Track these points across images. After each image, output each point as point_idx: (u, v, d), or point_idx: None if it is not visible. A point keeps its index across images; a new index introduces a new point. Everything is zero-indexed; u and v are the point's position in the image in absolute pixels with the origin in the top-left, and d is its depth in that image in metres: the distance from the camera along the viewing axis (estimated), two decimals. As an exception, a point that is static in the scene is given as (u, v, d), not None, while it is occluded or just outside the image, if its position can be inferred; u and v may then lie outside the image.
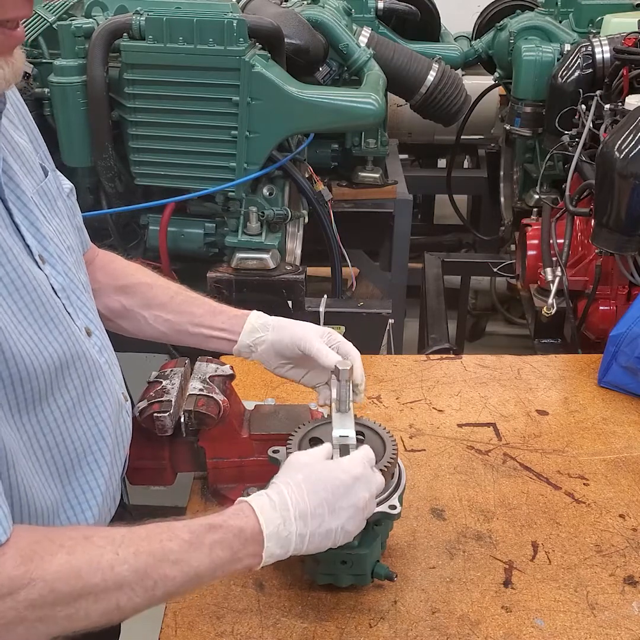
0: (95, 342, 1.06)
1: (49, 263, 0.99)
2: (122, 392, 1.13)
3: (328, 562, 1.10)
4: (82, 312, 1.04)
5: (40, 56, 2.24)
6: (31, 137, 1.08)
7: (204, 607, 1.14)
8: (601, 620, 1.12)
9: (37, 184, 1.02)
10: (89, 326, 1.05)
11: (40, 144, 1.11)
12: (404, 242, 2.85)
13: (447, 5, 3.57)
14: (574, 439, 1.52)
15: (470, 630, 1.10)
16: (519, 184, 3.32)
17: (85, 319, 1.05)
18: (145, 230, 2.36)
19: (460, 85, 2.82)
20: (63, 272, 1.01)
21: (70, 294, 1.02)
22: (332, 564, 1.11)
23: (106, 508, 1.08)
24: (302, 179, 2.31)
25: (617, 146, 1.92)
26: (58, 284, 0.99)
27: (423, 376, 1.73)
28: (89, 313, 1.06)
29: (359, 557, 1.10)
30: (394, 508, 1.09)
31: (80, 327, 1.02)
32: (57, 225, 1.04)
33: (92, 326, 1.06)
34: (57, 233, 1.03)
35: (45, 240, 0.99)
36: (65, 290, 1.01)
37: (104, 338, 1.10)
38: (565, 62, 2.74)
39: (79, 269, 1.08)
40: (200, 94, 2.10)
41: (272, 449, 1.17)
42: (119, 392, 1.11)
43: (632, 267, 2.07)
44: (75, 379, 0.99)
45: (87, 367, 1.01)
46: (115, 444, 1.08)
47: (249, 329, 1.26)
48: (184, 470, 1.34)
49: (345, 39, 2.55)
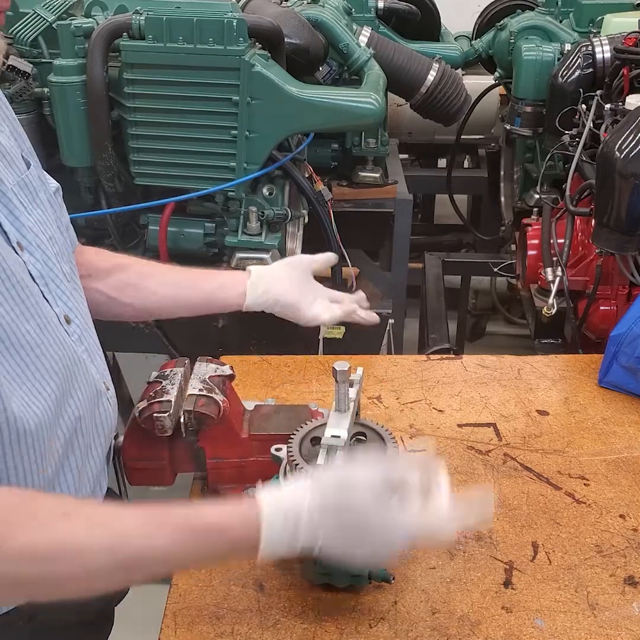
0: (75, 330, 1.07)
1: (28, 250, 1.00)
2: (104, 380, 1.14)
3: (325, 562, 1.10)
4: (62, 301, 1.06)
5: (40, 56, 2.23)
6: (11, 128, 1.08)
7: (203, 608, 1.14)
8: (601, 620, 1.12)
9: (19, 176, 1.04)
10: (69, 314, 1.06)
11: (24, 138, 1.12)
12: (404, 242, 2.85)
13: (447, 5, 3.57)
14: (575, 439, 1.52)
15: (471, 631, 1.10)
16: (519, 184, 3.32)
17: (65, 307, 1.06)
18: (145, 230, 2.36)
19: (461, 85, 2.82)
20: (42, 260, 1.02)
21: (50, 281, 1.03)
22: (329, 564, 1.10)
23: (86, 491, 1.09)
24: (302, 178, 2.31)
25: (618, 146, 1.92)
26: (36, 271, 1.01)
27: (423, 376, 1.73)
28: (69, 302, 1.07)
29: None
30: None
31: (58, 314, 1.04)
32: (39, 216, 1.05)
33: (72, 314, 1.07)
34: (38, 223, 1.04)
35: (24, 229, 1.00)
36: (44, 277, 1.02)
37: (86, 327, 1.11)
38: (566, 62, 2.74)
39: (61, 259, 1.09)
40: (200, 94, 2.09)
41: (275, 447, 1.17)
42: (99, 381, 1.11)
43: (632, 267, 2.07)
44: (57, 363, 0.99)
45: (63, 355, 1.01)
46: (94, 432, 1.09)
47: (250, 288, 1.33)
48: (183, 470, 1.33)
49: (346, 38, 2.54)
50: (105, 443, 1.15)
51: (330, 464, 1.04)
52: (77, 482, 1.06)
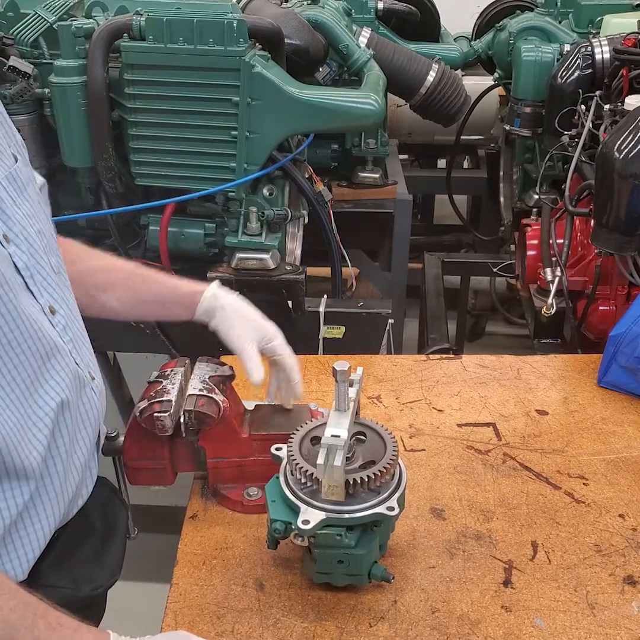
0: (60, 320, 1.09)
1: (14, 243, 1.02)
2: (89, 370, 1.15)
3: (324, 561, 1.11)
4: (47, 292, 1.07)
5: (41, 56, 2.23)
6: (1, 119, 1.09)
7: (204, 607, 1.14)
8: (601, 620, 1.12)
9: (7, 170, 1.05)
10: (54, 305, 1.08)
11: (14, 130, 1.13)
12: (404, 242, 2.85)
13: (447, 5, 3.57)
14: (574, 439, 1.52)
15: (470, 630, 1.10)
16: (519, 184, 3.32)
17: (50, 298, 1.08)
18: (146, 230, 2.37)
19: (460, 86, 2.82)
20: (29, 253, 1.04)
21: (35, 273, 1.05)
22: (328, 563, 1.11)
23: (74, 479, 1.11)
24: (302, 179, 2.31)
25: (617, 146, 1.92)
26: (22, 263, 1.02)
27: (423, 376, 1.73)
28: (55, 293, 1.09)
29: (356, 558, 1.10)
30: (391, 510, 1.09)
31: (43, 305, 1.06)
32: (28, 210, 1.07)
33: (57, 305, 1.09)
34: (26, 216, 1.05)
35: (10, 222, 1.02)
36: (30, 269, 1.04)
37: (72, 317, 1.13)
38: (565, 63, 2.74)
39: (49, 252, 1.10)
40: (200, 95, 2.10)
41: (275, 447, 1.17)
42: (84, 369, 1.13)
43: (631, 267, 2.08)
44: (29, 357, 1.01)
45: (40, 346, 1.02)
46: (79, 419, 1.11)
47: (200, 312, 1.35)
48: (184, 470, 1.34)
49: (345, 39, 2.55)
50: (93, 431, 1.16)
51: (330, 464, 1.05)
52: (65, 467, 1.08)
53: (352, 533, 1.09)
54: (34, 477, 1.03)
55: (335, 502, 1.08)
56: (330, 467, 1.05)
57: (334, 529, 1.08)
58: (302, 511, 1.07)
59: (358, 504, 1.08)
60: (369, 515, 1.08)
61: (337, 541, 1.08)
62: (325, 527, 1.07)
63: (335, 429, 1.07)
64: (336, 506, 1.08)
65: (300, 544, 1.10)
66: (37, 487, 1.04)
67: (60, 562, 1.13)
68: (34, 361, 1.02)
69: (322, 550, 1.10)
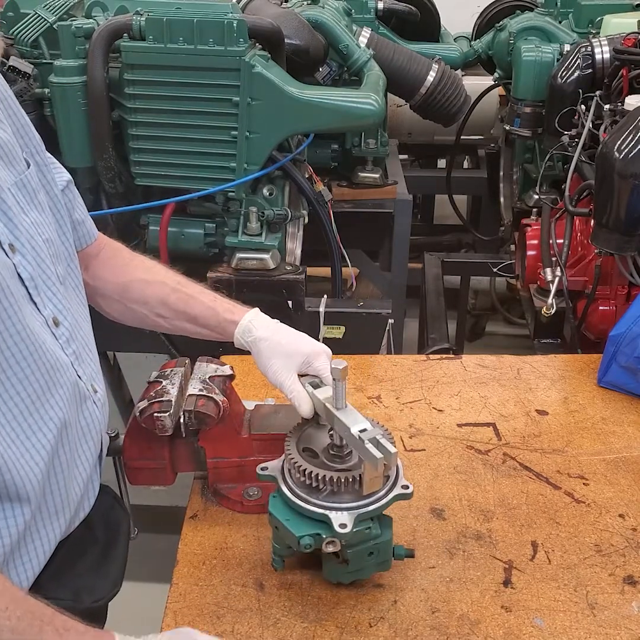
0: (63, 332, 1.07)
1: (20, 252, 1.00)
2: (92, 383, 1.13)
3: (357, 558, 1.11)
4: (52, 303, 1.05)
5: (41, 56, 2.24)
6: (14, 129, 1.07)
7: (204, 607, 1.14)
8: (601, 619, 1.12)
9: (17, 176, 1.03)
10: (57, 316, 1.06)
11: (31, 137, 1.10)
12: (404, 242, 2.85)
13: (447, 5, 3.57)
14: (574, 439, 1.52)
15: (470, 630, 1.10)
16: (519, 184, 3.33)
17: (54, 309, 1.06)
18: (146, 230, 2.37)
19: (460, 86, 2.82)
20: (34, 262, 1.02)
21: (40, 283, 1.03)
22: (360, 559, 1.11)
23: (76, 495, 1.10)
24: (302, 179, 2.31)
25: (617, 146, 1.92)
26: (27, 273, 1.00)
27: (423, 376, 1.73)
28: (59, 304, 1.07)
29: (384, 544, 1.13)
30: (407, 487, 1.11)
31: (47, 317, 1.04)
32: (36, 218, 1.05)
33: (61, 316, 1.07)
34: (34, 225, 1.03)
35: (17, 230, 0.99)
36: (34, 279, 1.02)
37: (77, 328, 1.11)
38: (565, 63, 2.74)
39: (57, 261, 1.08)
40: (200, 95, 2.10)
41: (260, 467, 1.16)
42: (87, 383, 1.11)
43: (631, 267, 2.08)
44: (35, 371, 0.99)
45: (45, 360, 1.00)
46: (78, 435, 1.10)
47: (237, 343, 1.29)
48: (184, 470, 1.34)
49: (345, 39, 2.55)
50: (94, 445, 1.14)
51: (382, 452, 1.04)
52: (67, 483, 1.07)
53: (375, 523, 1.10)
54: (34, 496, 1.01)
55: (356, 498, 1.08)
56: (389, 454, 1.04)
57: (363, 523, 1.08)
58: (333, 517, 1.06)
59: (377, 492, 1.09)
60: (391, 499, 1.09)
61: (367, 535, 1.09)
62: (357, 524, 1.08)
63: (357, 425, 1.08)
64: (360, 501, 1.08)
65: (332, 550, 1.08)
66: (38, 505, 1.02)
67: (61, 573, 1.12)
68: (40, 376, 1.00)
69: (354, 548, 1.10)
